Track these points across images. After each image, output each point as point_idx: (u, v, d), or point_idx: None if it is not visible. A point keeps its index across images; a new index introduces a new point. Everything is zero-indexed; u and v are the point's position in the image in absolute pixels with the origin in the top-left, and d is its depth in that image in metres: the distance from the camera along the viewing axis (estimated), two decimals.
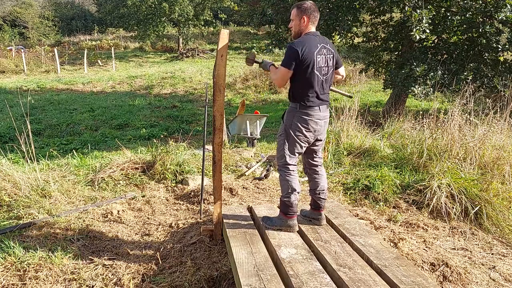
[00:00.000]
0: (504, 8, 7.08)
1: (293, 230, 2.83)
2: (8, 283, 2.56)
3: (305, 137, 2.72)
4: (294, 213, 2.81)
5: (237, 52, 25.40)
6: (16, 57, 21.91)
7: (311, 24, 2.70)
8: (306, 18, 2.67)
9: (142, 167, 4.65)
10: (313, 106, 2.67)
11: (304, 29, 2.70)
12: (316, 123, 2.71)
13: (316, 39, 2.67)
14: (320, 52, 2.65)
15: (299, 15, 2.68)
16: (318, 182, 2.92)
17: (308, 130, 2.70)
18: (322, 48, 2.66)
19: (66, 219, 3.48)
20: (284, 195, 2.79)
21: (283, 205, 2.80)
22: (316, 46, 2.63)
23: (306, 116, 2.68)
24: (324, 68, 2.69)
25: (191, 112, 12.25)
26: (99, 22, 33.58)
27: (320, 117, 2.72)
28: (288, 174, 2.76)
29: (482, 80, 7.95)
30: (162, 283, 2.64)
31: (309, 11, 2.66)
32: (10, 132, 8.27)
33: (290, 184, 2.75)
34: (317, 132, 2.75)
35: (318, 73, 2.65)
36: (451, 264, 2.73)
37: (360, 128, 5.93)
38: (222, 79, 2.67)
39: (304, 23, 2.68)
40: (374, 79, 15.76)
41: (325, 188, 2.95)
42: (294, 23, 2.73)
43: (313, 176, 2.94)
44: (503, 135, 4.57)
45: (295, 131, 2.70)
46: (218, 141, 2.77)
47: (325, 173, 2.98)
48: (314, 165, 2.92)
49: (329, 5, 9.06)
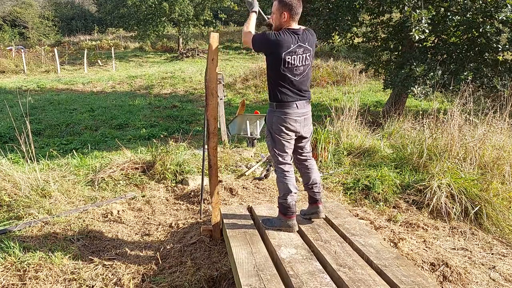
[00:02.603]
0: (504, 8, 7.08)
1: (293, 230, 2.82)
2: (8, 283, 2.56)
3: (287, 135, 2.69)
4: (293, 213, 2.80)
5: (237, 52, 25.41)
6: (16, 57, 21.92)
7: (291, 20, 2.60)
8: (286, 14, 2.56)
9: (142, 167, 4.65)
10: (288, 104, 2.62)
11: (284, 24, 2.61)
12: (295, 121, 2.65)
13: (292, 38, 2.56)
14: (293, 52, 2.56)
15: (279, 9, 2.58)
16: (310, 175, 2.90)
17: (288, 129, 2.66)
18: (297, 48, 2.56)
19: (66, 219, 3.48)
20: (281, 197, 2.78)
21: (281, 206, 2.80)
22: (288, 46, 2.54)
23: (283, 115, 2.63)
24: (299, 68, 2.61)
25: (191, 112, 12.25)
26: (99, 22, 33.60)
27: (299, 114, 2.66)
28: (283, 175, 2.75)
29: (482, 80, 7.96)
30: (162, 283, 2.64)
31: (289, 6, 2.54)
32: (10, 132, 8.27)
33: (286, 186, 2.73)
34: (298, 129, 2.70)
35: (289, 73, 2.59)
36: (451, 264, 2.73)
37: (360, 128, 5.93)
38: (215, 83, 2.67)
39: (284, 18, 2.58)
40: (374, 79, 15.76)
41: (318, 181, 2.90)
42: (274, 16, 2.64)
43: (303, 171, 2.93)
44: (503, 135, 4.57)
45: (276, 131, 2.67)
46: (213, 145, 2.77)
47: (315, 166, 2.94)
48: (303, 160, 2.91)
49: (329, 5, 9.06)
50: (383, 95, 14.03)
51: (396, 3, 7.89)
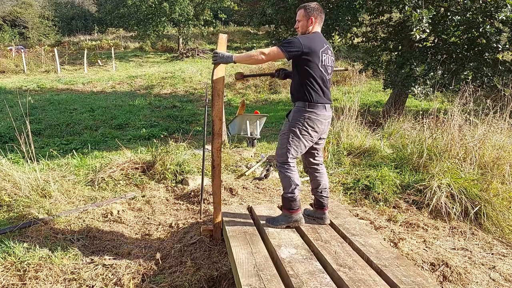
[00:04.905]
0: (504, 8, 7.08)
1: (300, 223, 2.84)
2: (8, 283, 2.56)
3: (310, 137, 2.73)
4: (298, 207, 2.82)
5: (237, 52, 25.35)
6: (16, 57, 21.91)
7: (317, 25, 2.75)
8: (313, 19, 2.72)
9: (142, 167, 4.65)
10: (320, 105, 2.69)
11: (311, 30, 2.75)
12: (322, 123, 2.73)
13: (322, 38, 2.72)
14: (325, 51, 2.69)
15: (306, 16, 2.72)
16: (320, 180, 2.93)
17: (314, 130, 2.72)
18: (327, 48, 2.71)
19: (66, 219, 3.48)
20: (287, 191, 2.78)
21: (287, 202, 2.81)
22: (322, 45, 2.67)
23: (314, 115, 2.69)
24: (329, 68, 2.73)
25: (191, 112, 12.25)
26: (99, 22, 33.56)
27: (326, 116, 2.74)
28: (289, 170, 2.76)
29: (482, 79, 7.95)
30: (162, 283, 2.64)
31: (316, 12, 2.73)
32: (10, 132, 8.27)
33: (293, 180, 2.75)
34: (321, 131, 2.78)
35: (323, 71, 2.68)
36: (451, 264, 2.73)
37: (360, 128, 5.92)
38: (221, 84, 2.65)
39: (311, 24, 2.73)
40: (374, 79, 15.76)
41: (327, 186, 2.96)
42: (301, 23, 2.75)
43: (314, 175, 2.94)
44: (503, 135, 4.57)
45: (302, 131, 2.70)
46: (217, 145, 2.76)
47: (325, 172, 2.99)
48: (315, 164, 2.93)
49: (329, 5, 9.07)
50: (383, 95, 14.03)
51: (396, 3, 7.88)
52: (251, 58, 2.63)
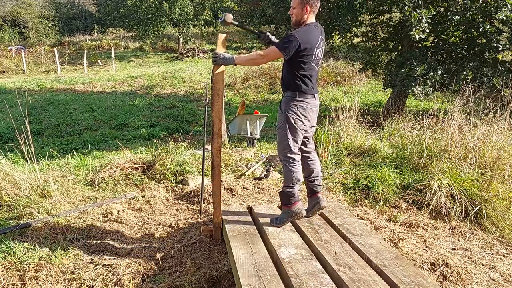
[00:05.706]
0: (504, 8, 7.08)
1: (301, 215, 2.89)
2: (8, 283, 2.56)
3: (304, 125, 2.78)
4: (296, 200, 2.86)
5: (237, 52, 25.36)
6: (16, 57, 21.92)
7: (312, 13, 2.72)
8: (309, 8, 2.68)
9: (142, 167, 4.65)
10: (310, 95, 2.74)
11: (305, 18, 2.71)
12: (313, 111, 2.80)
13: (317, 31, 2.69)
14: (319, 46, 2.70)
15: (301, 3, 2.68)
16: (313, 168, 2.98)
17: (306, 118, 2.77)
18: (320, 41, 2.71)
19: (66, 219, 3.48)
20: (287, 185, 2.81)
21: (285, 196, 2.83)
22: (317, 40, 2.67)
23: (304, 104, 2.73)
24: (319, 60, 2.77)
25: (191, 112, 12.25)
26: (99, 22, 33.55)
27: (315, 105, 2.81)
28: (293, 165, 2.79)
29: (482, 79, 7.95)
30: (162, 283, 2.64)
31: (311, 0, 2.67)
32: (10, 132, 8.27)
33: (295, 175, 2.78)
34: (312, 120, 2.84)
35: (315, 65, 2.72)
36: (451, 264, 2.73)
37: (360, 128, 5.92)
38: (221, 84, 2.66)
39: (306, 12, 2.69)
40: (374, 79, 15.76)
41: (320, 174, 3.02)
42: (295, 11, 2.71)
43: (307, 163, 2.98)
44: (503, 135, 4.57)
45: (296, 120, 2.74)
46: (217, 146, 2.76)
47: (318, 159, 3.04)
48: (307, 152, 2.97)
49: (329, 5, 9.07)
50: (383, 95, 14.03)
51: (396, 3, 7.89)
52: (251, 60, 2.72)
